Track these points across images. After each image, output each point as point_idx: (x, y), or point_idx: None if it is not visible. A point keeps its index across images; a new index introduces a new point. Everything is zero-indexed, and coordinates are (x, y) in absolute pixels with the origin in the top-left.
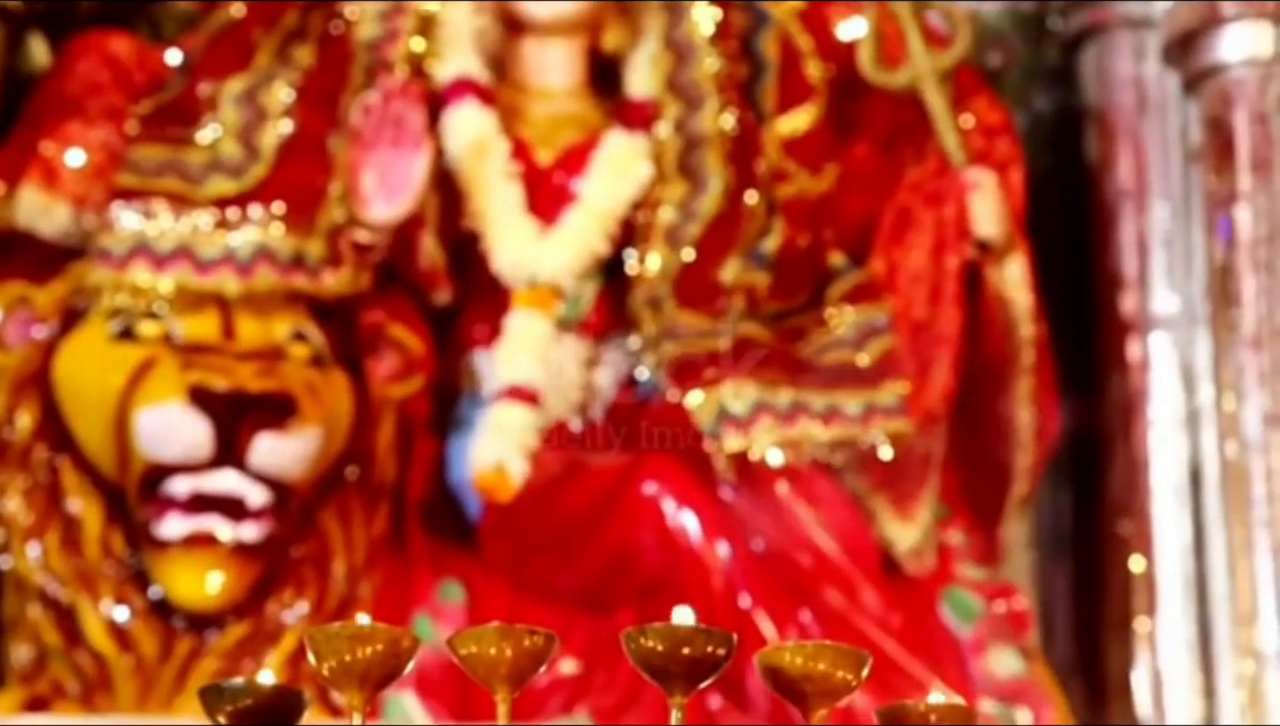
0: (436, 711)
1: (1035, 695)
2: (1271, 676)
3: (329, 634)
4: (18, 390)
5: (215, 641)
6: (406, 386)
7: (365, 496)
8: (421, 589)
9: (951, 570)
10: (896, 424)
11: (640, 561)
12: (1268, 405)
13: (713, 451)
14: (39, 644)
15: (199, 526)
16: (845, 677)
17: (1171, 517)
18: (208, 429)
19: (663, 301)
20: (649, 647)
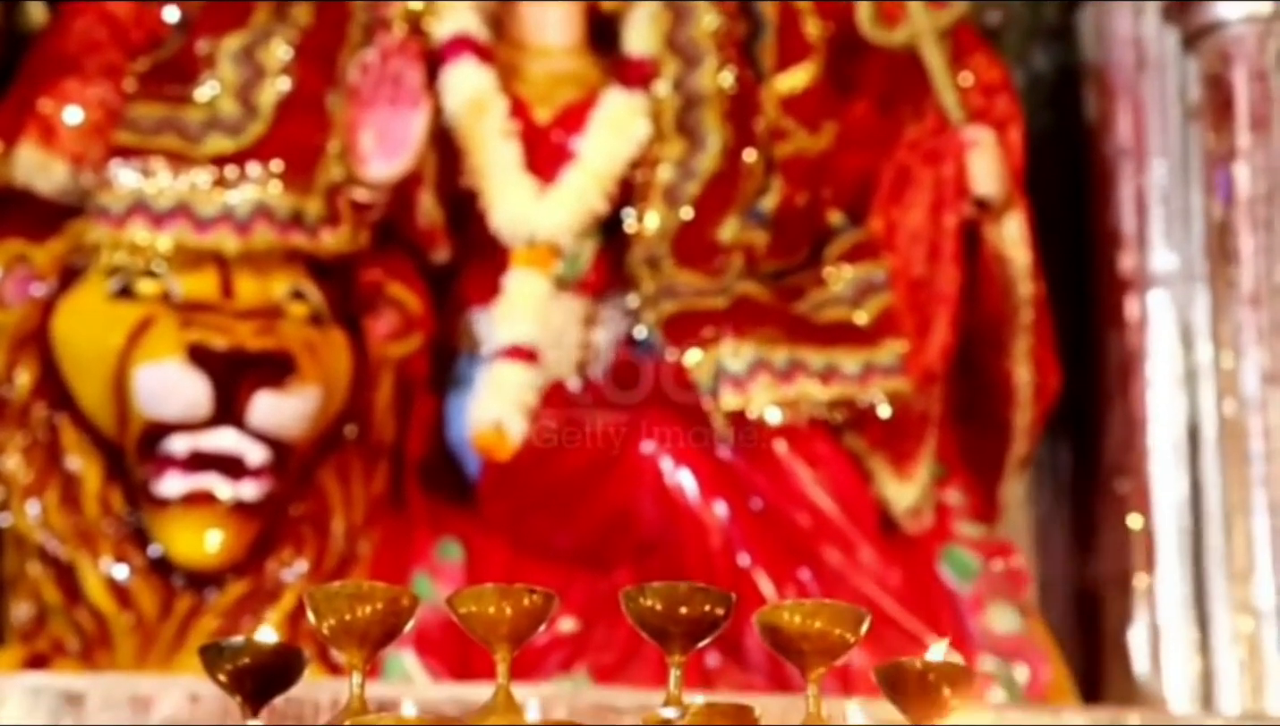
0: (436, 669)
1: (1033, 652)
2: (1268, 632)
3: (328, 593)
4: (17, 348)
5: (214, 599)
6: (405, 345)
7: (364, 455)
8: (420, 547)
9: (950, 528)
10: (895, 383)
11: (638, 520)
12: (1266, 363)
13: (711, 410)
14: (39, 601)
15: (198, 484)
16: (843, 636)
17: (1169, 475)
18: (206, 387)
19: (661, 260)
20: (647, 606)
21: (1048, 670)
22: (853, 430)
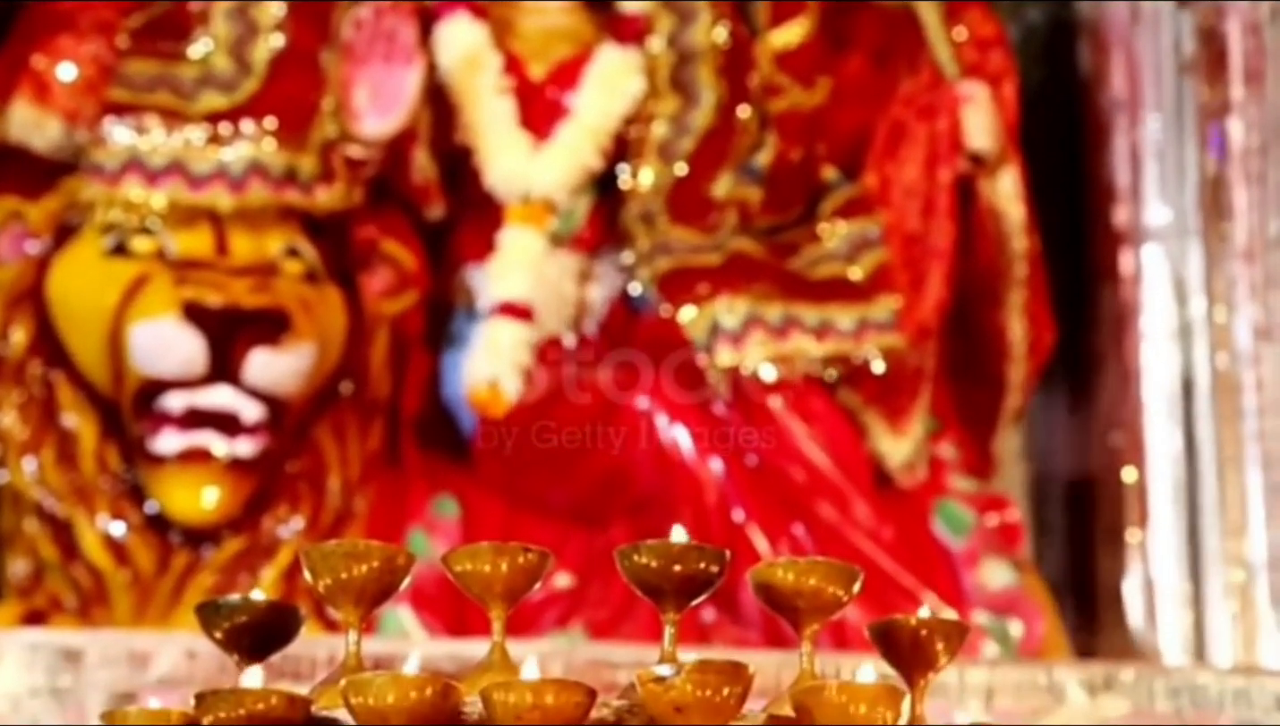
0: (432, 625)
1: (1027, 606)
2: (1260, 585)
3: (324, 551)
4: (12, 305)
5: (211, 556)
6: (400, 302)
7: (360, 412)
8: (416, 504)
9: (944, 483)
10: (889, 338)
11: (633, 476)
12: (1259, 317)
13: (705, 366)
14: (36, 558)
15: (194, 442)
16: (836, 593)
17: (1163, 429)
18: (202, 344)
19: (655, 216)
20: (642, 564)
21: (1042, 625)
22: (847, 386)
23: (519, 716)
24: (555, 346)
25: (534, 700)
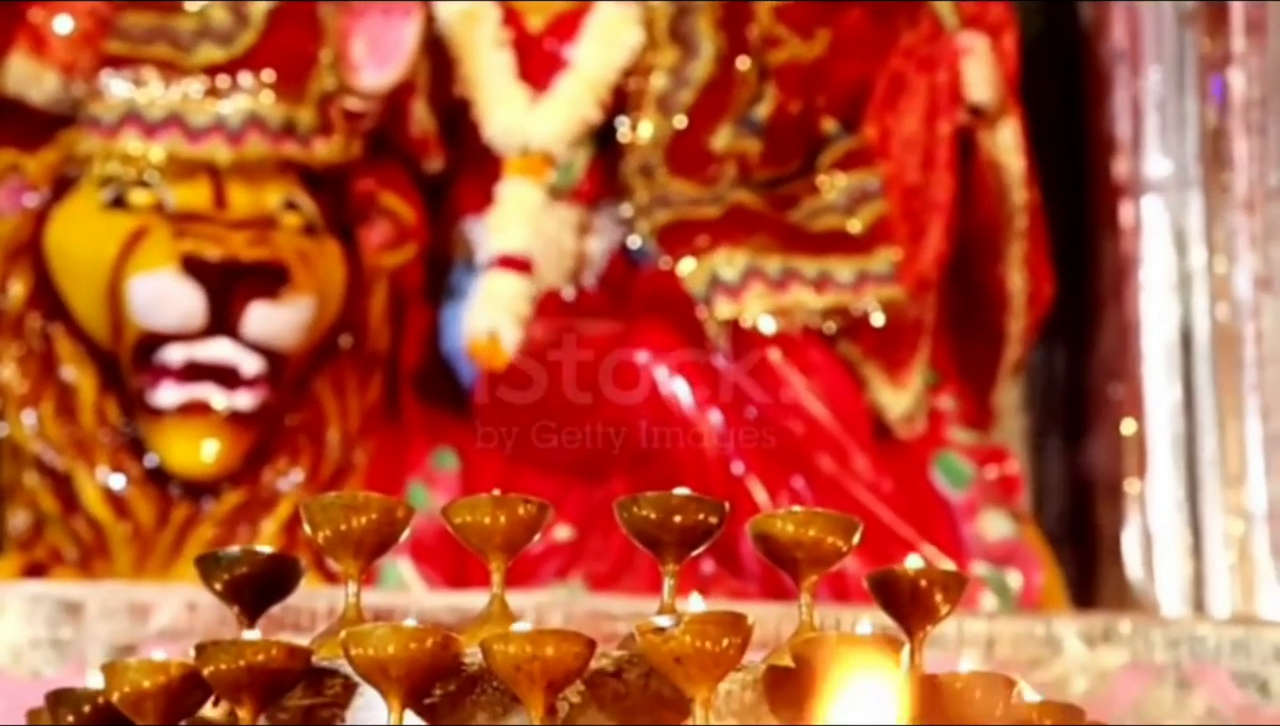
0: (432, 577)
1: (1026, 557)
2: (1259, 535)
3: (324, 503)
4: (10, 258)
5: (211, 509)
6: (399, 255)
7: (359, 365)
8: (415, 456)
9: (943, 435)
10: (889, 291)
11: (633, 429)
12: (1259, 268)
13: (705, 319)
14: (36, 510)
15: (193, 394)
16: (836, 544)
17: (1162, 380)
18: (200, 297)
19: (654, 169)
20: (641, 516)
21: (1040, 576)
22: (846, 338)
23: (518, 667)
24: (554, 299)
25: (533, 651)
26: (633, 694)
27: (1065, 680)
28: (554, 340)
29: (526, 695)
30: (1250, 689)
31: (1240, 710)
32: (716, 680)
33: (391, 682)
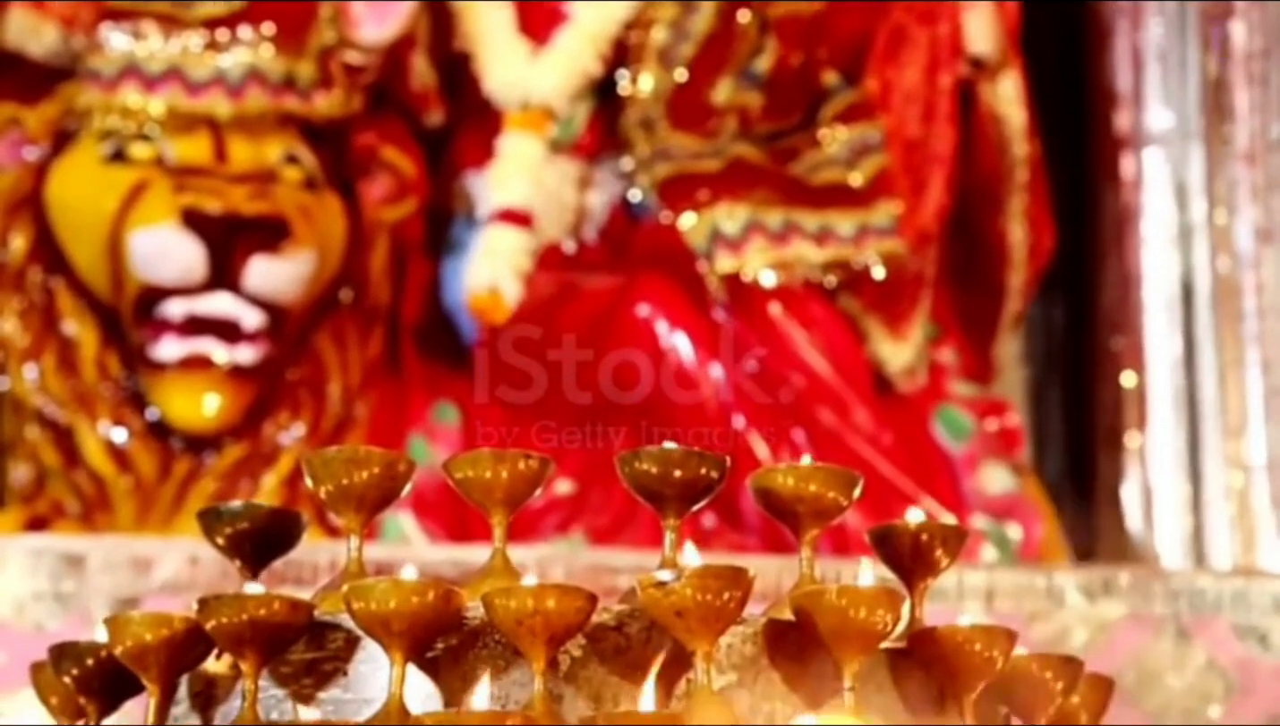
0: (433, 531)
1: (1026, 510)
2: (1259, 488)
3: (325, 458)
4: (11, 212)
5: (213, 462)
6: (399, 209)
7: (360, 319)
8: (416, 410)
9: (944, 388)
10: (889, 244)
11: (633, 383)
12: (1260, 219)
13: (705, 272)
14: (38, 464)
15: (194, 348)
16: (836, 498)
17: (1163, 333)
18: (201, 251)
19: (655, 122)
20: (643, 470)
21: (1040, 529)
22: (847, 291)
23: (520, 621)
24: (555, 253)
25: (535, 605)
26: (634, 647)
27: (1065, 632)
28: (555, 294)
29: (528, 648)
30: (1250, 640)
31: (1240, 661)
32: (717, 633)
33: (393, 636)
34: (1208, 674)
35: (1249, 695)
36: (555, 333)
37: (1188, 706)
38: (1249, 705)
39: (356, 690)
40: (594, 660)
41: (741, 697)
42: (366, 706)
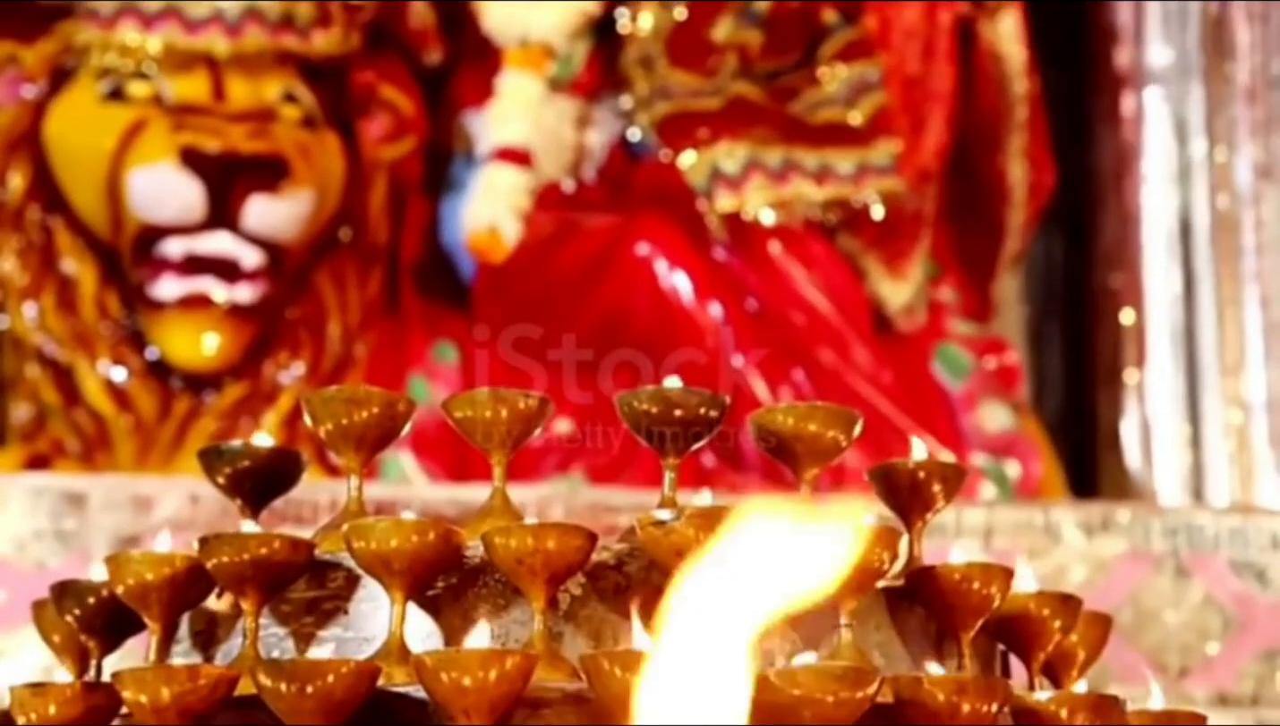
0: (433, 470)
1: (1025, 448)
2: (1258, 425)
3: (325, 397)
4: (9, 150)
5: (213, 401)
6: (398, 147)
7: (359, 258)
8: (416, 350)
9: (943, 326)
10: (889, 182)
11: (633, 322)
12: (1259, 157)
13: (705, 211)
14: (38, 402)
15: (193, 287)
16: (836, 438)
17: (1162, 270)
18: (200, 190)
19: (655, 60)
20: (642, 410)
21: (1039, 466)
22: (847, 230)
23: (520, 559)
24: (554, 192)
25: (535, 544)
26: (634, 586)
27: (1064, 569)
28: (554, 233)
29: (528, 587)
30: (1248, 577)
31: (1238, 598)
32: None
33: (394, 575)
34: (1205, 610)
35: (1246, 631)
36: (554, 272)
37: (1185, 642)
38: (1246, 641)
39: (357, 628)
40: (594, 599)
41: None
42: (367, 644)
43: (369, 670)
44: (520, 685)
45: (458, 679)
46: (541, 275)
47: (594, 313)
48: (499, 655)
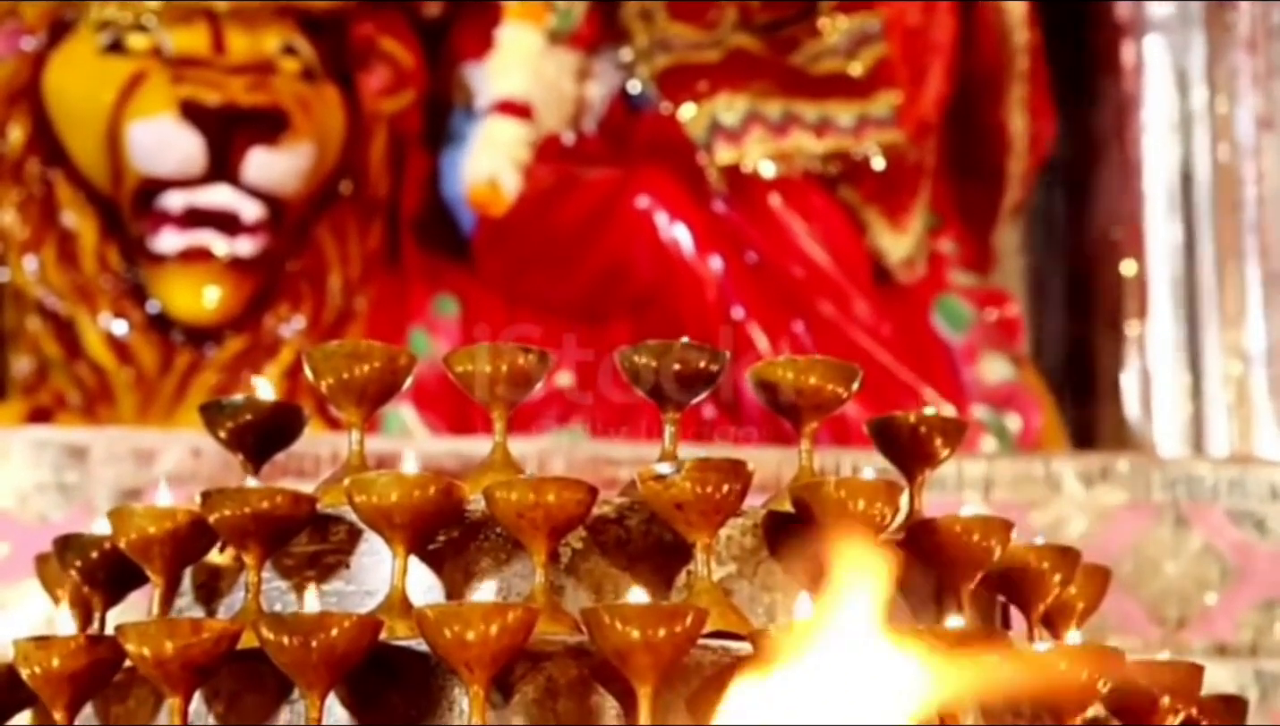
0: (434, 423)
1: (1025, 400)
2: (1257, 376)
3: (327, 352)
4: (9, 102)
5: (214, 355)
6: (398, 100)
7: (359, 211)
8: (417, 303)
9: (943, 278)
10: (889, 134)
11: (634, 274)
12: (1260, 107)
13: (705, 164)
14: (40, 355)
15: (194, 241)
16: (836, 391)
17: (1162, 221)
18: (200, 143)
19: (655, 13)
20: (643, 364)
21: (1039, 418)
22: (847, 182)
23: (521, 513)
24: (554, 144)
25: (536, 498)
26: (634, 539)
27: (1064, 520)
28: (554, 186)
29: (529, 541)
30: (1247, 526)
31: (1237, 546)
32: (717, 526)
33: (395, 529)
34: (1204, 560)
35: (1245, 580)
36: (555, 224)
37: (1184, 592)
38: (1245, 591)
39: (359, 582)
40: (595, 552)
41: (741, 588)
42: (369, 598)
43: (371, 623)
44: (522, 638)
45: (460, 632)
46: (542, 228)
47: (594, 265)
48: (501, 608)
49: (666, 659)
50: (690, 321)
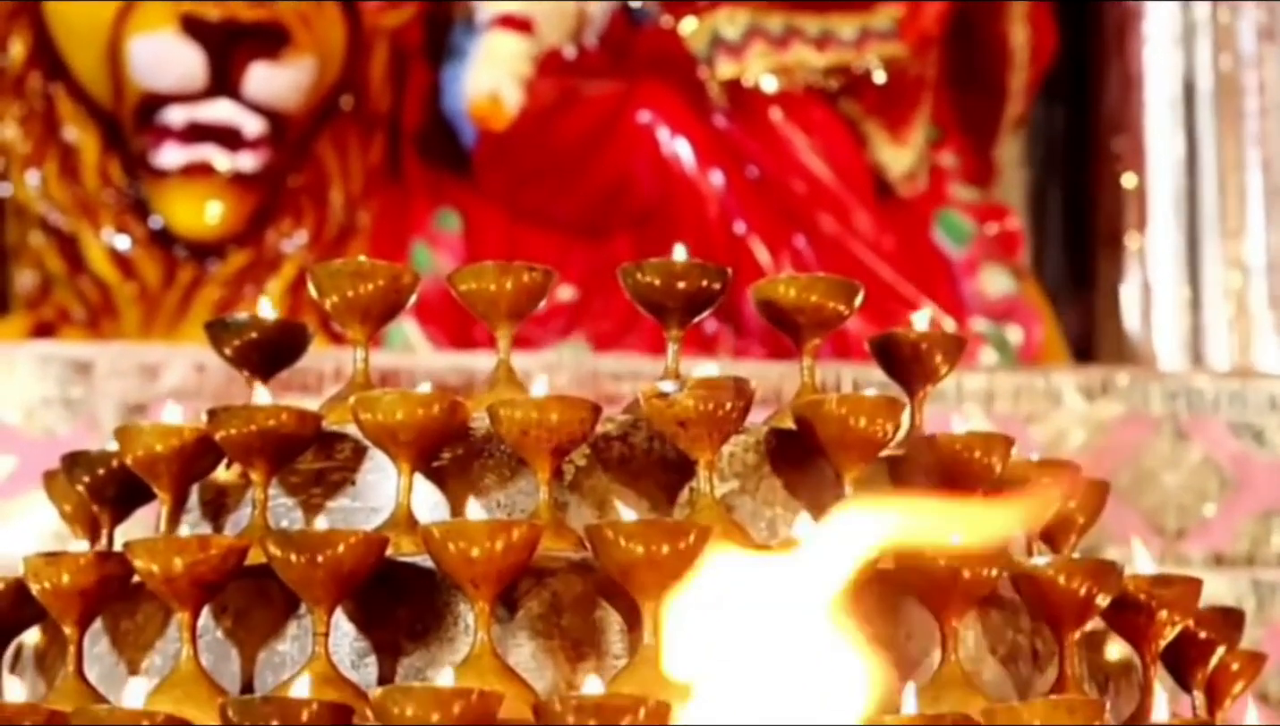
0: (437, 338)
1: (1026, 312)
2: (1258, 288)
3: (330, 270)
4: (9, 17)
5: (216, 269)
6: (399, 14)
7: (361, 126)
8: (419, 217)
9: (944, 192)
10: (890, 47)
11: (635, 189)
12: (1262, 19)
13: (706, 78)
14: (43, 270)
15: (196, 155)
16: (838, 308)
17: (1164, 133)
18: (201, 58)
19: None
20: (645, 282)
21: (1040, 331)
22: (848, 96)
23: (525, 431)
24: (555, 59)
25: (539, 416)
26: (637, 457)
27: (1064, 433)
28: (555, 100)
29: (533, 458)
30: (1246, 437)
31: (1235, 458)
32: (719, 443)
33: (400, 447)
34: (1203, 471)
35: (1244, 490)
36: (556, 138)
37: (1183, 503)
38: (1243, 502)
39: (364, 499)
40: (598, 469)
41: (743, 504)
42: (374, 514)
43: (377, 540)
44: (526, 554)
45: (465, 548)
46: (543, 143)
47: (595, 180)
48: (505, 525)
49: (670, 574)
50: (691, 236)
